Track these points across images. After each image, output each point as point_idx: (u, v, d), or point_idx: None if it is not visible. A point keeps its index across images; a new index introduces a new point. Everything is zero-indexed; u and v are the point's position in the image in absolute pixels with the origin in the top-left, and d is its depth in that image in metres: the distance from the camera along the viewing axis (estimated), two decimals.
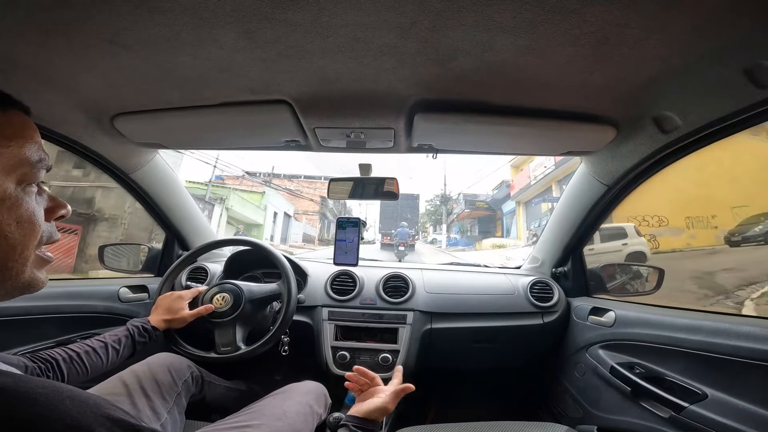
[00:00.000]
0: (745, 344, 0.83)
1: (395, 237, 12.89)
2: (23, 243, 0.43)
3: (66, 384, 0.36)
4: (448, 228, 30.23)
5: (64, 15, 0.62)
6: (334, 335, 1.44)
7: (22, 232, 0.42)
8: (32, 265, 0.45)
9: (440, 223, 34.93)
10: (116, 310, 1.35)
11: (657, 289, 1.35)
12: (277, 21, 0.63)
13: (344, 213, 28.52)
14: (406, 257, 11.41)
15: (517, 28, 0.63)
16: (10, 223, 0.41)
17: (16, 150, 0.43)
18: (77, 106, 0.96)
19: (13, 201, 0.42)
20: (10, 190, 0.42)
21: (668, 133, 0.93)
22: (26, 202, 0.43)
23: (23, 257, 0.43)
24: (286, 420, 0.89)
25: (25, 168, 0.43)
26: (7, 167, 0.42)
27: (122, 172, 1.32)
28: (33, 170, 0.44)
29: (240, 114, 0.97)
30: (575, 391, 1.41)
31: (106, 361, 0.90)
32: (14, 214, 0.42)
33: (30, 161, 0.44)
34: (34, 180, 0.45)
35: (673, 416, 0.95)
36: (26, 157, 0.44)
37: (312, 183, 30.81)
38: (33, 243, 0.44)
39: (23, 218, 0.43)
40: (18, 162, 0.43)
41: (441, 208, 31.84)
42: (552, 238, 1.60)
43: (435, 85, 0.84)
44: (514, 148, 1.24)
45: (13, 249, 0.42)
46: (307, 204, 28.74)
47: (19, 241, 0.42)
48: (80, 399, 0.34)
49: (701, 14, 0.58)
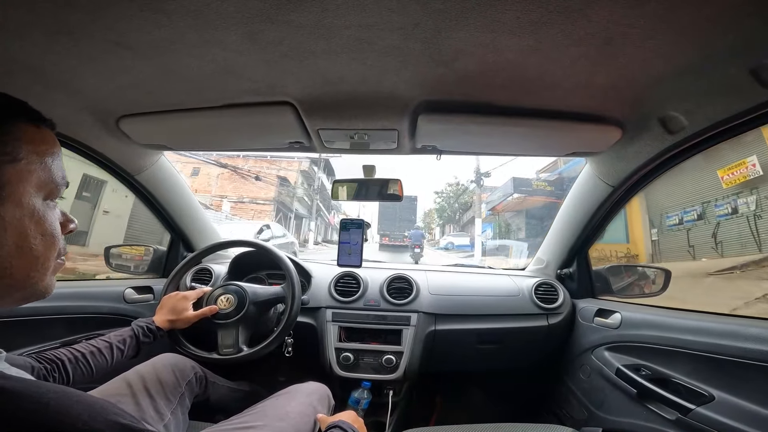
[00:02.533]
0: (754, 346, 0.82)
1: (409, 239, 12.83)
2: (45, 255, 0.45)
3: (72, 386, 0.36)
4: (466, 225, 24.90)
5: (71, 17, 0.62)
6: (338, 337, 1.44)
7: (45, 245, 0.44)
8: (51, 274, 0.47)
9: (453, 222, 31.38)
10: (122, 310, 1.36)
11: (664, 290, 1.34)
12: (280, 22, 0.63)
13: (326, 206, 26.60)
14: (421, 259, 11.37)
15: (521, 28, 0.62)
16: (36, 236, 0.43)
17: (48, 166, 0.45)
18: (83, 108, 0.97)
19: (40, 216, 0.44)
20: (38, 205, 0.44)
21: (674, 134, 0.93)
22: (50, 216, 0.45)
23: (44, 268, 0.45)
24: (289, 421, 0.89)
25: (52, 185, 0.46)
26: (39, 183, 0.44)
27: (127, 173, 1.33)
28: (58, 187, 0.47)
29: (244, 115, 0.98)
30: (580, 393, 1.40)
31: (111, 362, 0.90)
32: (40, 228, 0.44)
33: (56, 178, 0.46)
34: (57, 196, 0.47)
35: (679, 418, 0.94)
36: (54, 174, 0.46)
37: (274, 162, 19.50)
38: (54, 255, 0.46)
39: (47, 232, 0.45)
40: (48, 179, 0.45)
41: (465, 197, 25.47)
42: (557, 240, 1.59)
43: (439, 86, 0.84)
44: (519, 149, 1.24)
45: (36, 260, 0.44)
46: (250, 188, 18.50)
47: (41, 253, 0.44)
48: (88, 403, 0.35)
49: (707, 14, 0.57)
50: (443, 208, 33.78)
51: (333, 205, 31.18)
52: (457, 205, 28.46)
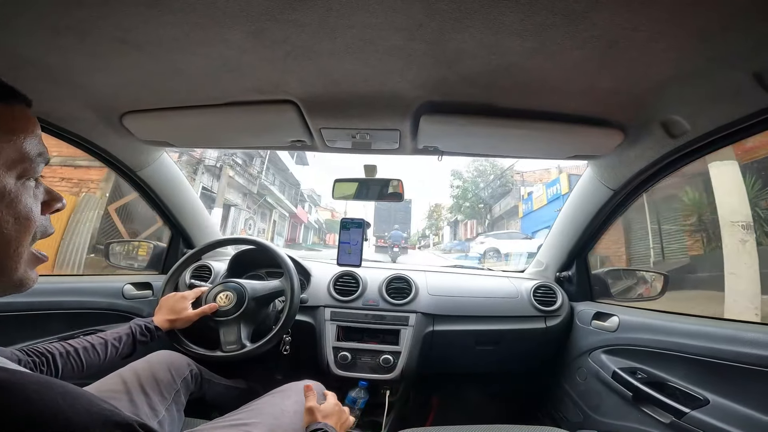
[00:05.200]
0: (750, 350, 0.82)
1: (389, 239, 13.73)
2: (18, 239, 0.42)
3: (59, 379, 0.35)
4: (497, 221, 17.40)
5: (77, 14, 0.62)
6: (336, 336, 1.44)
7: (18, 228, 0.42)
8: (26, 263, 0.44)
9: (478, 216, 20.97)
10: (120, 306, 1.36)
11: (661, 295, 1.34)
12: (285, 21, 0.63)
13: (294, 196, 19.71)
14: (399, 258, 12.24)
15: (525, 30, 0.63)
16: (8, 219, 0.40)
17: (19, 144, 0.42)
18: (87, 104, 0.97)
19: (12, 197, 0.41)
20: (9, 185, 0.41)
21: (676, 138, 0.93)
22: (24, 197, 0.43)
23: (18, 254, 0.42)
24: (285, 418, 0.89)
25: (26, 163, 0.43)
26: (8, 162, 0.41)
27: (130, 169, 1.33)
28: (33, 164, 0.44)
29: (247, 113, 0.98)
30: (576, 396, 1.40)
31: (104, 359, 0.90)
32: (12, 210, 0.41)
33: (30, 156, 0.43)
34: (34, 174, 0.44)
35: (674, 422, 0.95)
36: (28, 151, 0.43)
37: None
38: (27, 239, 0.43)
39: (21, 214, 0.42)
40: (20, 157, 0.42)
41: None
42: (556, 242, 1.59)
43: (442, 87, 0.84)
44: (520, 151, 1.24)
45: (8, 245, 0.41)
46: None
47: (14, 237, 0.41)
48: (73, 395, 0.34)
49: (711, 18, 0.58)
50: (464, 195, 21.83)
51: (306, 195, 23.83)
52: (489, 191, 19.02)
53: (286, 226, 20.87)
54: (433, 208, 34.59)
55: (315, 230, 29.65)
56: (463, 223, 24.46)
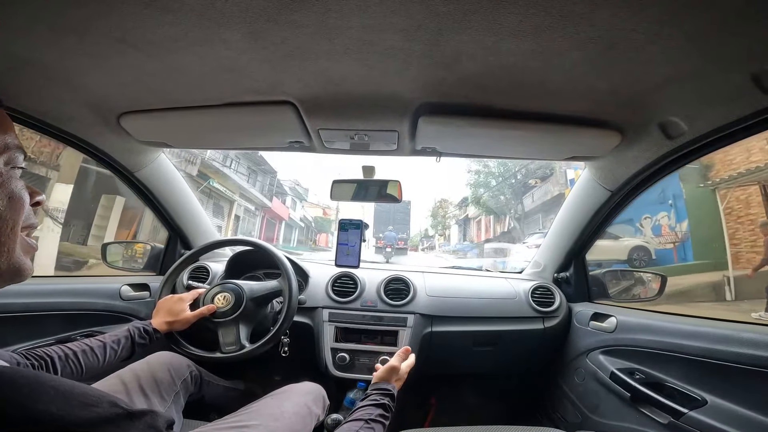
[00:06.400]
0: (747, 351, 0.82)
1: (383, 239, 14.04)
2: (13, 219, 0.45)
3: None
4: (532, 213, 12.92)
5: (75, 14, 0.62)
6: (334, 337, 1.44)
7: (13, 207, 0.45)
8: (20, 249, 0.47)
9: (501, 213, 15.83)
10: (117, 307, 1.35)
11: (659, 295, 1.35)
12: (283, 22, 0.63)
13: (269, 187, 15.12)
14: (392, 258, 12.63)
15: (524, 32, 0.63)
16: (3, 198, 0.44)
17: (1, 136, 0.46)
18: (85, 105, 0.97)
19: (4, 178, 0.45)
20: (0, 167, 0.44)
21: (674, 139, 0.93)
22: (14, 180, 0.46)
23: (14, 233, 0.45)
24: (284, 420, 0.89)
25: (10, 151, 0.46)
26: None
27: (127, 170, 1.33)
28: (16, 153, 0.47)
29: (245, 114, 0.98)
30: (575, 397, 1.41)
31: (103, 361, 0.89)
32: (6, 190, 0.45)
33: (12, 146, 0.47)
34: (18, 163, 0.48)
35: (672, 422, 0.95)
36: (9, 141, 0.47)
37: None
38: (20, 219, 0.47)
39: (14, 194, 0.45)
40: (4, 145, 0.46)
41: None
42: (554, 243, 1.59)
43: (440, 88, 0.84)
44: (519, 153, 1.24)
45: (5, 223, 0.44)
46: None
47: (9, 216, 0.45)
48: (64, 388, 0.35)
49: (710, 19, 0.58)
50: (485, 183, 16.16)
51: (288, 187, 19.33)
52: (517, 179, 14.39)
53: (258, 223, 16.17)
54: (439, 204, 28.40)
55: (301, 229, 24.04)
56: (476, 220, 19.92)
